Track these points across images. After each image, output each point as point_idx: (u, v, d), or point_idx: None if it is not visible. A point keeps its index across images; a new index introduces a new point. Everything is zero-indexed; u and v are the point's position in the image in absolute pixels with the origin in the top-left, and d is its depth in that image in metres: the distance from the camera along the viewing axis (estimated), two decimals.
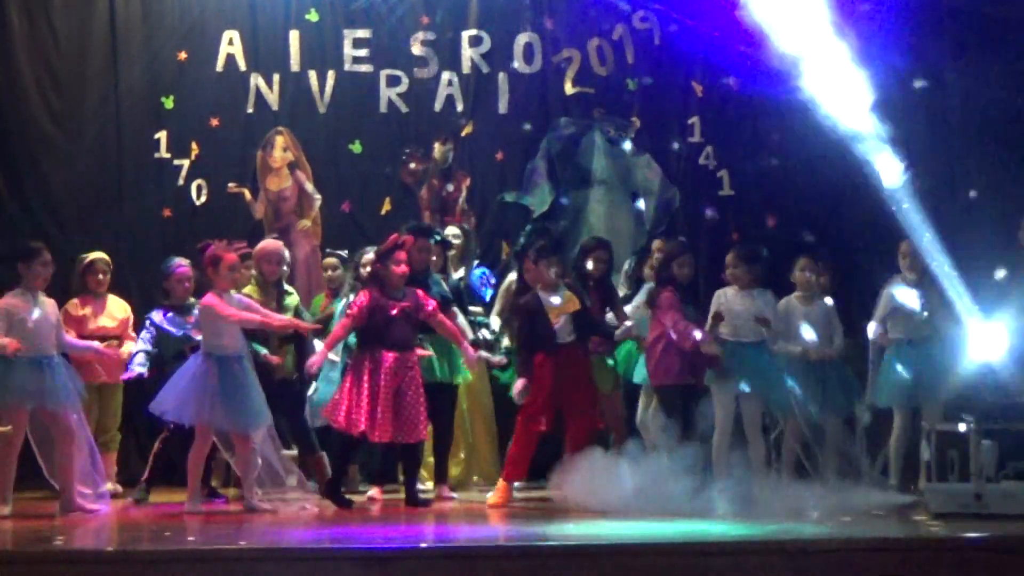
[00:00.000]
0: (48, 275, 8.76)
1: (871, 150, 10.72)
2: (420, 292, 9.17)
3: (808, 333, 9.56)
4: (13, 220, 11.05)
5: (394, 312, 8.99)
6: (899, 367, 9.57)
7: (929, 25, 11.44)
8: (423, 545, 6.97)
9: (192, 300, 9.53)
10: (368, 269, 9.42)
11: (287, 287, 9.81)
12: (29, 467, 9.44)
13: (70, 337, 9.14)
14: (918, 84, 11.29)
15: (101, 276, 10.03)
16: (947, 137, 11.52)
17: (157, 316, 9.54)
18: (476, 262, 11.00)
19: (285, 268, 9.77)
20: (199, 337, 8.95)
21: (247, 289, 9.55)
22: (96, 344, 9.31)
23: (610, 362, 9.94)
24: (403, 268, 9.10)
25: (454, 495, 9.68)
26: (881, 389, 9.66)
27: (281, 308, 9.49)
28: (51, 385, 8.51)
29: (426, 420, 9.13)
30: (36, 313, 8.58)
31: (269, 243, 9.90)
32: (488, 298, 10.72)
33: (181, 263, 9.73)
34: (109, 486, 9.34)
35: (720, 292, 9.54)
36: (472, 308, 10.24)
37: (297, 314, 9.54)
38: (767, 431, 9.62)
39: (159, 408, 8.75)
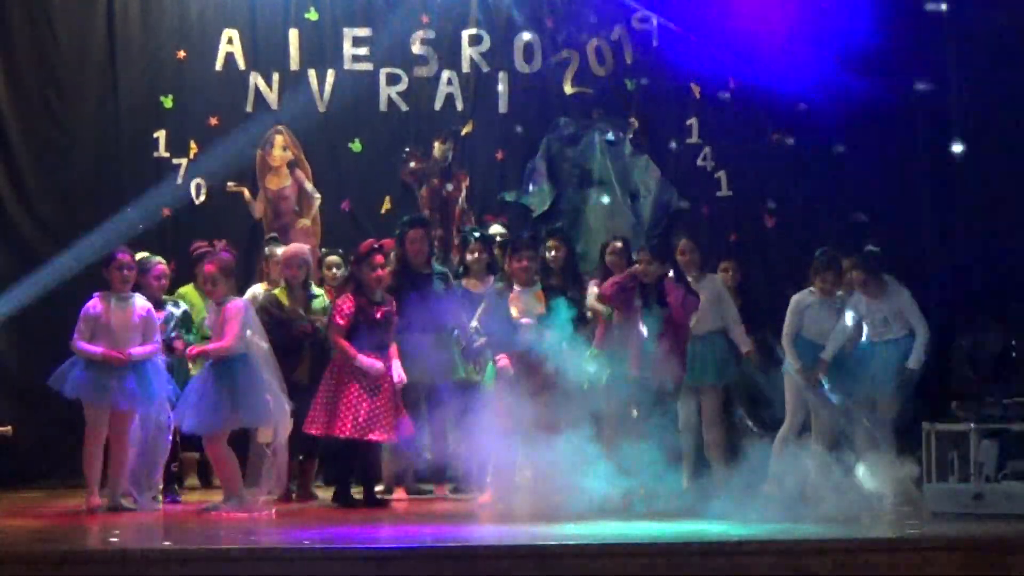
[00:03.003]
0: (126, 278, 8.82)
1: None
2: (393, 303, 9.16)
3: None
4: (14, 219, 11.03)
5: (379, 316, 9.02)
6: None
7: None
8: (423, 545, 6.97)
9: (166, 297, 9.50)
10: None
11: (315, 289, 9.67)
12: (29, 466, 9.47)
13: (83, 343, 8.76)
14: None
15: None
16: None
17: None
18: None
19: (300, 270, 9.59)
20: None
21: (276, 291, 9.52)
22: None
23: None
24: (379, 272, 9.09)
25: (453, 496, 9.65)
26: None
27: (309, 311, 9.44)
28: (125, 387, 8.59)
29: (394, 422, 9.01)
30: (114, 316, 8.72)
31: (289, 247, 9.82)
32: None
33: (160, 262, 9.48)
34: None
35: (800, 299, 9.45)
36: None
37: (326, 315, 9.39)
38: None
39: (179, 421, 8.75)
